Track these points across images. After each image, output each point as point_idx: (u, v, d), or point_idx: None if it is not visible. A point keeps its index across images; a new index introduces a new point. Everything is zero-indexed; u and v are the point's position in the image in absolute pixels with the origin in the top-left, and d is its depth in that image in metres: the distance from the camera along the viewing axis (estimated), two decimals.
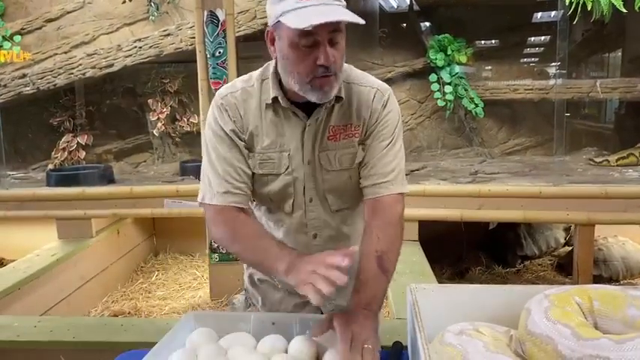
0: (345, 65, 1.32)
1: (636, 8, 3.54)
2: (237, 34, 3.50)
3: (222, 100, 1.30)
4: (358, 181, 1.35)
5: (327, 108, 1.28)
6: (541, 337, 0.91)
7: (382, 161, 1.31)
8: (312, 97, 1.20)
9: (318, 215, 1.35)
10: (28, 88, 4.52)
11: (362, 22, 1.10)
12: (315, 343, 1.12)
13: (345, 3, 1.15)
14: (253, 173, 1.31)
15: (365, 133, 1.33)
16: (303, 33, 1.10)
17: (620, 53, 4.62)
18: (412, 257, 3.09)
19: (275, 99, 1.26)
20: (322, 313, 1.39)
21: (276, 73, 1.27)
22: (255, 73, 1.33)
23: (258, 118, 1.29)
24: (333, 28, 1.12)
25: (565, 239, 4.10)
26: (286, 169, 1.30)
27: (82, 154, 4.61)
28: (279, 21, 1.12)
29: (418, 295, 1.14)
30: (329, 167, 1.31)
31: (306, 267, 1.08)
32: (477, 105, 4.35)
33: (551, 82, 4.41)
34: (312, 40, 1.12)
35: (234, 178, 1.28)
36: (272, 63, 1.29)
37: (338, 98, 1.27)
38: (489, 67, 4.70)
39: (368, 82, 1.34)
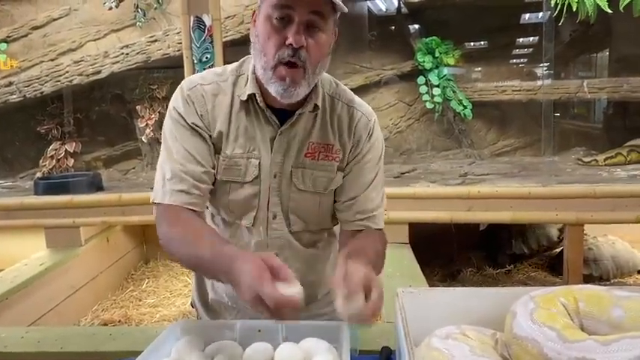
0: (330, 78, 1.25)
1: (621, 8, 3.57)
2: (224, 39, 3.49)
3: (189, 91, 1.18)
4: (329, 208, 1.27)
5: (304, 118, 1.19)
6: (527, 340, 0.90)
7: (369, 197, 1.24)
8: (273, 90, 1.10)
9: (281, 234, 1.24)
10: (14, 96, 4.49)
11: (344, 9, 1.04)
12: (301, 349, 1.11)
13: None
14: (214, 178, 1.20)
15: (347, 162, 1.24)
16: (279, 4, 1.03)
17: (607, 53, 4.66)
18: (402, 260, 3.08)
19: (251, 96, 1.16)
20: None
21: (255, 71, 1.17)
22: (230, 67, 1.23)
23: (228, 118, 1.18)
24: (313, 8, 1.03)
25: (558, 238, 4.11)
26: (254, 179, 1.19)
27: (71, 161, 4.58)
28: None
29: (405, 299, 1.13)
30: (301, 186, 1.21)
31: (251, 287, 0.90)
32: (465, 107, 4.36)
33: (539, 82, 4.43)
34: (287, 15, 1.03)
35: (192, 176, 1.14)
36: (252, 58, 1.19)
37: (315, 107, 1.19)
38: (477, 69, 4.72)
39: (353, 103, 1.26)
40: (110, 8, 4.40)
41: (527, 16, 4.51)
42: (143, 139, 4.60)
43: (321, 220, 1.29)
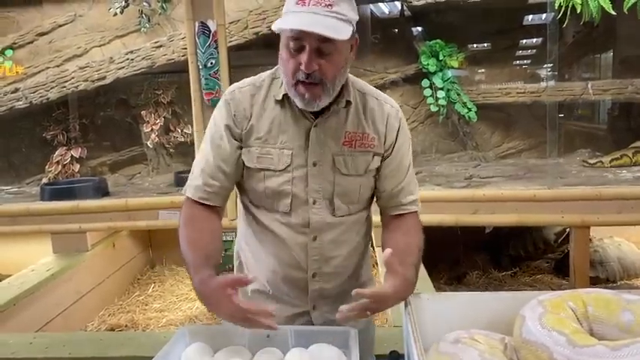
0: (355, 78, 1.38)
1: (625, 10, 3.56)
2: (229, 44, 3.50)
3: (228, 94, 1.35)
4: (367, 189, 1.37)
5: (337, 112, 1.30)
6: (536, 345, 0.90)
7: (411, 180, 1.39)
8: (297, 103, 1.25)
9: (322, 218, 1.32)
10: (20, 103, 4.52)
11: (340, 37, 1.13)
12: (310, 355, 1.12)
13: (348, 16, 1.17)
14: (249, 168, 1.32)
15: (385, 150, 1.35)
16: (293, 36, 1.17)
17: (611, 54, 4.65)
18: None
19: (286, 96, 1.29)
20: (312, 323, 1.38)
21: None
22: (266, 73, 1.37)
23: (262, 112, 1.32)
24: (320, 37, 1.13)
25: (555, 242, 4.10)
26: (286, 167, 1.30)
27: (77, 167, 4.61)
28: None
29: (414, 304, 1.14)
30: (344, 171, 1.32)
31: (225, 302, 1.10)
32: (469, 109, 4.36)
33: (543, 84, 4.43)
34: (300, 45, 1.17)
35: (210, 175, 1.32)
36: None
37: (347, 102, 1.31)
38: (481, 71, 4.72)
39: (382, 97, 1.39)
40: (115, 14, 4.43)
41: (530, 17, 4.50)
42: (148, 144, 4.62)
43: (361, 200, 1.38)
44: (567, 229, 4.02)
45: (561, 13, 3.64)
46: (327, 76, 1.19)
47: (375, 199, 1.42)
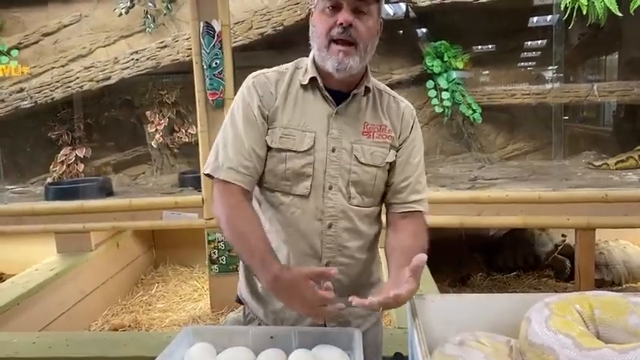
0: (372, 77, 1.41)
1: (631, 11, 3.55)
2: (233, 45, 3.50)
3: (253, 79, 1.37)
4: (381, 183, 1.38)
5: (357, 99, 1.34)
6: (542, 348, 0.89)
7: (420, 179, 1.40)
8: (329, 65, 1.26)
9: (336, 204, 1.33)
10: (25, 102, 4.52)
11: None
12: (314, 356, 1.11)
13: None
14: (271, 149, 1.32)
15: (399, 144, 1.39)
16: None
17: (616, 56, 4.63)
18: None
19: (313, 79, 1.33)
20: (325, 325, 1.37)
21: (314, 58, 1.34)
22: (289, 63, 1.41)
23: (286, 96, 1.35)
24: None
25: (545, 260, 4.09)
26: (308, 149, 1.31)
27: (81, 167, 4.61)
28: None
29: (418, 305, 1.13)
30: (363, 160, 1.34)
31: (295, 294, 1.12)
32: (474, 111, 4.34)
33: (549, 86, 4.41)
34: (336, 3, 1.23)
35: (244, 156, 1.30)
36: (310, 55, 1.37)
37: (367, 89, 1.35)
38: (486, 73, 4.70)
39: (398, 96, 1.44)
40: (120, 15, 4.43)
41: (536, 19, 4.48)
42: (153, 145, 4.62)
43: (375, 194, 1.39)
44: (559, 247, 4.02)
45: (567, 14, 3.63)
46: (361, 36, 1.24)
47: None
